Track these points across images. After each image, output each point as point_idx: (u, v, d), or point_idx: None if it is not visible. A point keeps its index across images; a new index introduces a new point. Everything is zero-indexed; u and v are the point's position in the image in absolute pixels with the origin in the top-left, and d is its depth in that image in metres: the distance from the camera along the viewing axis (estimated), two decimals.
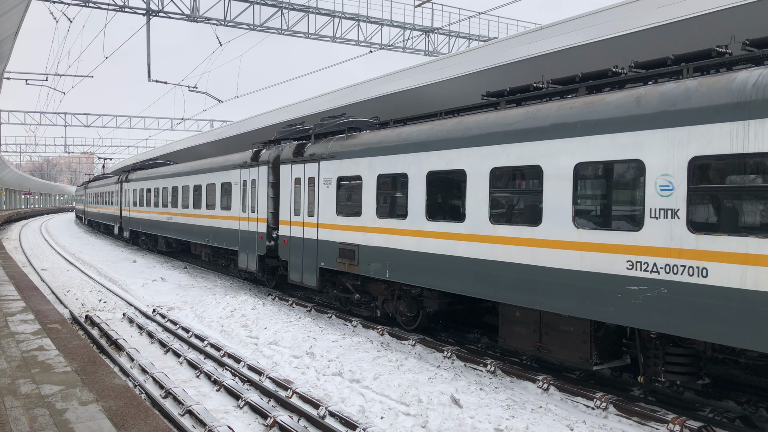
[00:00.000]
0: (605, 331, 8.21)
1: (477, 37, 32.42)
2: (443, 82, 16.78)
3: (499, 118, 9.47)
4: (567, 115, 8.31)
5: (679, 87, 7.26)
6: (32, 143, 69.58)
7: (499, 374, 9.30)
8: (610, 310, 7.57)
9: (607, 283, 7.63)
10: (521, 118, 9.02)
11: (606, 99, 7.98)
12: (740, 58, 7.19)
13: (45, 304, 10.36)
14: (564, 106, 8.48)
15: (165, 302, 15.39)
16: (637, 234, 7.43)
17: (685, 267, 6.96)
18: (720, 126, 6.65)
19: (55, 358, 6.80)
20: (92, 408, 5.24)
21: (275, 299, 15.68)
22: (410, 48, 31.19)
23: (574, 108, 8.29)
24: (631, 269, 7.46)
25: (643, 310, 7.25)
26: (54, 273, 21.21)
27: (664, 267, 7.13)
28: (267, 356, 10.36)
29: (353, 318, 12.97)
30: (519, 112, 9.20)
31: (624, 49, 12.47)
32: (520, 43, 14.64)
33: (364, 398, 8.18)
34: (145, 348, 11.13)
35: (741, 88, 6.56)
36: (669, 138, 7.12)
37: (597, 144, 7.87)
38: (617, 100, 7.79)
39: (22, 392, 5.61)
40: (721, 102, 6.66)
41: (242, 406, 7.95)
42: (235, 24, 26.63)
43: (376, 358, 9.79)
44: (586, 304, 7.83)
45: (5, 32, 15.97)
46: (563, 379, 8.86)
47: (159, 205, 24.80)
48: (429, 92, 17.56)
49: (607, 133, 7.75)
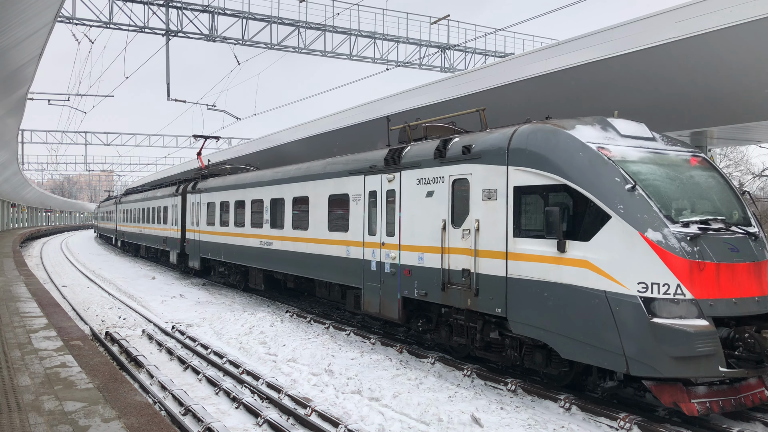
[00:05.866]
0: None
1: (493, 53, 32.55)
2: (461, 98, 16.84)
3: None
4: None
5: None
6: (53, 162, 70.87)
7: (520, 393, 9.20)
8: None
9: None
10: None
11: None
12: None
13: (67, 321, 10.46)
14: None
15: (184, 319, 15.48)
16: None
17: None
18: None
19: (77, 375, 6.85)
20: (114, 425, 5.26)
21: (293, 316, 15.70)
22: (426, 65, 31.38)
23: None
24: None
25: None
26: (74, 290, 21.45)
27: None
28: (286, 373, 10.35)
29: (372, 336, 12.94)
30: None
31: (642, 65, 12.45)
32: (537, 59, 14.68)
33: (383, 417, 8.14)
34: (164, 365, 11.18)
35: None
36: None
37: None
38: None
39: (45, 409, 5.66)
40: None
41: (261, 423, 7.94)
42: (253, 43, 27.01)
43: (396, 376, 9.74)
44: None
45: (29, 54, 16.34)
46: (586, 399, 8.75)
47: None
48: (447, 109, 17.61)
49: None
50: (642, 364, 7.38)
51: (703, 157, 9.31)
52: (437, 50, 31.57)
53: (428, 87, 18.93)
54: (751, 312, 7.72)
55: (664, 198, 8.09)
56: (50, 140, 52.45)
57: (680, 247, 7.54)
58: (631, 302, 7.47)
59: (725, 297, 7.57)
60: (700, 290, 7.47)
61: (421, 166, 11.03)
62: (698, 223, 7.91)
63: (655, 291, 7.44)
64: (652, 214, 7.74)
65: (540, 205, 8.69)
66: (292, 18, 27.40)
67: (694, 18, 11.16)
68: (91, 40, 25.60)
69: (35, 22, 13.33)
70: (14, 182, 52.69)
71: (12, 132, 29.57)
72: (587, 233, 8.05)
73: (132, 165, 75.33)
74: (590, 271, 7.89)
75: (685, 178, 8.65)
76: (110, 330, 13.68)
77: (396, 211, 11.65)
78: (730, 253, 7.80)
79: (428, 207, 10.77)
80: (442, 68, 31.65)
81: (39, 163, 74.73)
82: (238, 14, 26.40)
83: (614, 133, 8.91)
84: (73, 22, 24.28)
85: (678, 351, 7.18)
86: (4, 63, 15.95)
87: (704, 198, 8.57)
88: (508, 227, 9.08)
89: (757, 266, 7.97)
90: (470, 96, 16.56)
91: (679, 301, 7.40)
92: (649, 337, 7.31)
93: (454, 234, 10.14)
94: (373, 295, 12.21)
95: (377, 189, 12.28)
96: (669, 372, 7.31)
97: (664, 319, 7.32)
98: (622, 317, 7.52)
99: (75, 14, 24.18)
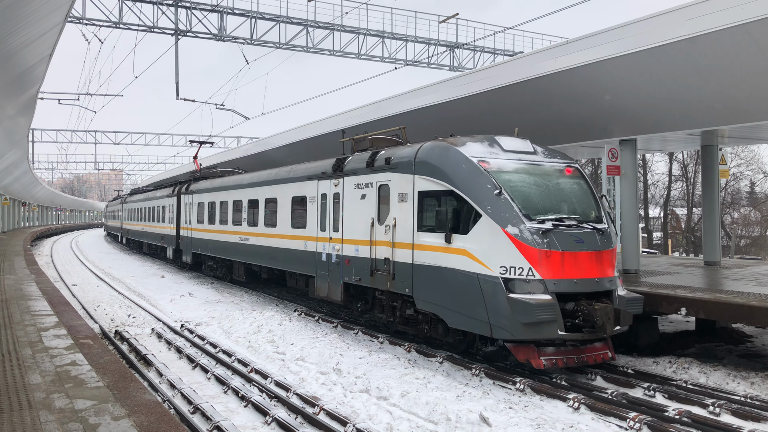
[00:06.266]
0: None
1: (502, 52, 32.45)
2: (469, 97, 16.80)
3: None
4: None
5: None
6: (63, 161, 71.27)
7: (528, 392, 9.18)
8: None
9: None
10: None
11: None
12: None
13: (77, 320, 10.52)
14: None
15: (193, 317, 15.54)
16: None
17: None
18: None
19: (87, 373, 6.89)
20: (124, 423, 5.29)
21: (301, 315, 15.73)
22: (435, 63, 31.33)
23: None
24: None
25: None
26: (84, 288, 21.59)
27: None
28: (294, 372, 10.38)
29: (380, 335, 12.95)
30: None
31: (653, 62, 12.38)
32: (546, 57, 14.61)
33: (391, 416, 8.14)
34: (173, 363, 11.24)
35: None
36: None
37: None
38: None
39: (56, 407, 5.70)
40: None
41: (270, 422, 7.96)
42: (262, 42, 27.05)
43: (404, 375, 9.74)
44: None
45: (40, 54, 16.43)
46: (595, 398, 8.72)
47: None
48: (455, 107, 17.59)
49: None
50: (501, 329, 9.42)
51: (575, 168, 11.29)
52: (446, 49, 31.51)
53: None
54: (590, 290, 9.72)
55: (526, 200, 10.06)
56: (60, 139, 52.78)
57: (533, 239, 9.54)
58: (494, 282, 9.51)
59: (567, 278, 9.60)
60: (547, 272, 9.47)
61: (358, 174, 13.15)
62: (553, 220, 9.91)
63: (513, 273, 9.49)
64: (513, 213, 9.74)
65: (435, 206, 10.82)
66: (300, 17, 27.43)
67: (704, 16, 11.07)
68: (100, 39, 25.73)
69: (46, 22, 13.42)
70: (25, 181, 53.05)
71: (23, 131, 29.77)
72: (466, 228, 10.15)
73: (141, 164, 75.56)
74: (468, 258, 9.97)
75: (551, 185, 10.67)
76: (120, 328, 13.76)
77: (340, 210, 13.72)
78: (575, 243, 9.81)
79: (362, 207, 12.87)
80: (451, 67, 31.60)
81: (49, 162, 75.15)
82: (247, 14, 26.45)
83: (498, 149, 10.91)
84: (83, 22, 24.40)
85: (525, 318, 9.12)
86: (16, 63, 16.06)
87: (565, 201, 10.58)
88: (414, 224, 11.23)
89: (599, 254, 9.98)
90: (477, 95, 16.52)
91: (530, 280, 9.43)
92: (507, 309, 9.28)
93: (379, 229, 12.26)
94: (323, 281, 14.40)
95: (327, 192, 14.37)
96: (520, 335, 9.30)
97: (517, 295, 9.30)
98: (488, 293, 9.55)
99: (85, 14, 24.31)
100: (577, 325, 9.44)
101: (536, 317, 9.10)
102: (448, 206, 10.50)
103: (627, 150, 15.33)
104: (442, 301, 10.49)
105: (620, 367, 10.44)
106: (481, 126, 17.87)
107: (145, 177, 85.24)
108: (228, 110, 30.26)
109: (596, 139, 15.87)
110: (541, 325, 9.21)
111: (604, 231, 10.35)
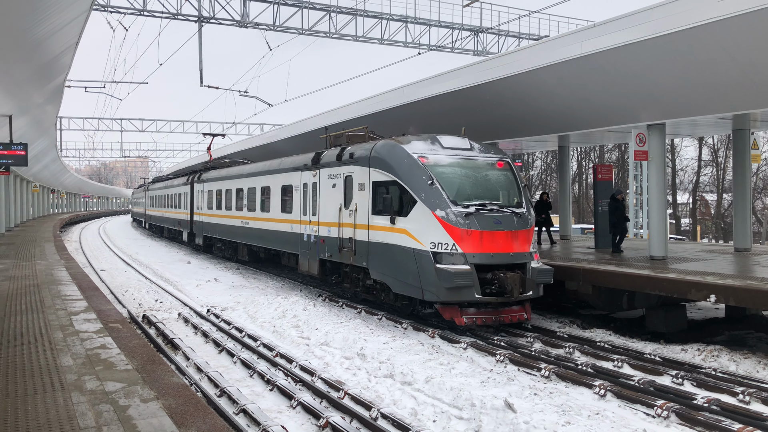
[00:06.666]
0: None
1: (527, 36, 32.02)
2: (493, 82, 16.62)
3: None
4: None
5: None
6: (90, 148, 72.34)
7: (554, 379, 9.14)
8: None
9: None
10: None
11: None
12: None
13: (105, 304, 10.72)
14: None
15: (218, 302, 15.73)
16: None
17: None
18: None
19: (116, 357, 7.02)
20: (153, 405, 5.38)
21: (326, 300, 15.82)
22: (459, 48, 31.04)
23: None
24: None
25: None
26: (112, 273, 21.97)
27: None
28: (318, 357, 10.46)
29: (403, 320, 12.98)
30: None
31: (682, 45, 12.10)
32: (573, 41, 14.38)
33: (416, 401, 8.17)
34: (199, 347, 11.40)
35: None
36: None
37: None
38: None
39: (87, 388, 5.82)
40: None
41: (295, 406, 8.04)
42: (284, 29, 27.06)
43: (428, 360, 9.76)
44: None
45: (66, 43, 16.61)
46: (621, 386, 8.64)
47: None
48: (479, 92, 17.43)
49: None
50: (430, 293, 11.52)
51: (506, 162, 13.31)
52: (470, 33, 31.19)
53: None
54: (505, 262, 11.75)
55: (454, 189, 12.09)
56: (87, 127, 53.67)
57: (456, 220, 11.64)
58: (426, 255, 11.66)
59: (486, 252, 11.64)
60: (467, 247, 11.56)
61: (330, 166, 15.26)
62: (476, 205, 11.97)
63: (440, 248, 11.60)
64: (441, 199, 11.81)
65: (384, 193, 12.85)
66: (323, 2, 27.35)
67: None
68: (125, 27, 25.99)
69: (72, 10, 13.55)
70: (53, 168, 53.98)
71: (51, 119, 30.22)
72: (406, 212, 12.24)
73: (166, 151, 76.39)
74: (407, 236, 12.14)
75: (480, 176, 12.69)
76: (147, 313, 13.99)
77: (317, 197, 15.87)
78: (494, 224, 11.83)
79: (333, 195, 15.01)
80: (475, 52, 31.28)
81: (77, 149, 76.28)
82: (270, 0, 26.43)
83: (438, 146, 12.91)
84: (108, 9, 24.63)
85: (448, 284, 11.18)
86: (43, 51, 16.27)
87: (490, 189, 12.62)
88: (369, 208, 13.35)
89: (515, 233, 11.99)
90: (501, 80, 16.34)
91: (453, 254, 11.53)
92: (434, 276, 11.35)
93: (345, 213, 14.37)
94: (304, 258, 16.78)
95: (308, 182, 16.52)
96: (444, 297, 11.38)
97: (443, 265, 11.38)
98: (421, 264, 11.70)
99: (110, 2, 24.53)
100: (493, 291, 11.48)
101: (455, 283, 11.13)
102: (393, 194, 12.56)
103: (655, 135, 15.06)
104: (389, 272, 12.70)
105: (647, 354, 10.34)
106: (505, 112, 17.73)
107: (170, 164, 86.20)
108: (251, 97, 30.46)
109: (623, 124, 15.60)
110: (461, 289, 11.22)
111: (521, 214, 12.34)
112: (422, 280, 11.63)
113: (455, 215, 11.62)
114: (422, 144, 12.87)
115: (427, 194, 11.90)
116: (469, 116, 18.62)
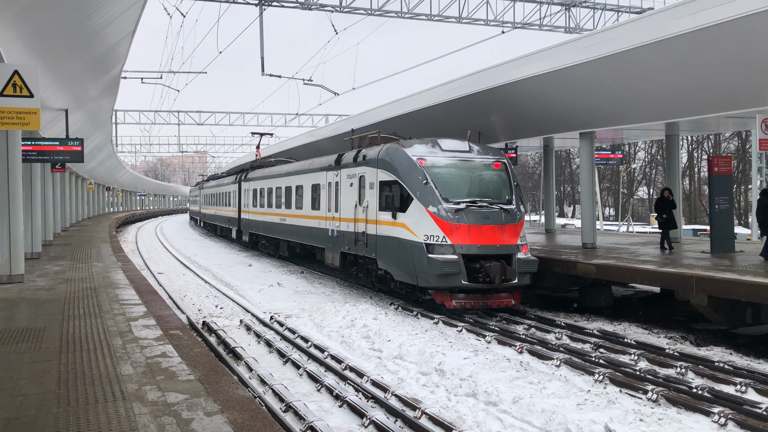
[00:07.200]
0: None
1: (627, 9, 31.03)
2: (590, 63, 16.21)
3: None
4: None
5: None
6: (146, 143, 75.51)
7: (663, 403, 8.81)
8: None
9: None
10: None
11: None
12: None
13: (164, 309, 11.15)
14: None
15: (282, 309, 16.08)
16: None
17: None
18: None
19: (177, 366, 7.29)
20: (217, 419, 5.55)
21: (398, 309, 15.89)
22: (548, 25, 30.43)
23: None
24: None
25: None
26: (170, 277, 22.86)
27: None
28: (391, 371, 10.51)
29: (487, 333, 12.86)
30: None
31: None
32: (683, 13, 13.81)
33: (502, 423, 8.07)
34: (263, 357, 11.67)
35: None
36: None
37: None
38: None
39: (148, 399, 6.07)
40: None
41: (367, 425, 8.10)
42: (351, 9, 27.29)
43: (515, 378, 9.62)
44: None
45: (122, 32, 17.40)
46: (745, 413, 8.23)
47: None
48: (570, 75, 17.03)
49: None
50: (423, 279, 14.40)
51: (503, 162, 16.13)
52: (560, 8, 30.52)
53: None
54: (492, 253, 14.40)
55: (447, 188, 14.95)
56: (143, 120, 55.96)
57: (446, 215, 14.45)
58: (420, 246, 14.43)
59: (473, 244, 14.38)
60: (456, 239, 14.30)
61: (349, 167, 18.45)
62: (466, 202, 14.80)
63: (432, 240, 14.36)
64: (434, 197, 14.70)
65: (388, 192, 15.83)
66: None
67: None
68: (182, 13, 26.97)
69: None
70: (109, 165, 56.67)
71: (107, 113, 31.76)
72: (405, 208, 15.14)
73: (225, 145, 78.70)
74: (405, 230, 14.99)
75: (474, 176, 15.58)
76: (207, 319, 14.46)
77: (339, 196, 19.10)
78: (482, 219, 14.58)
79: (351, 193, 18.15)
80: (566, 29, 30.60)
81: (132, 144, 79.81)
82: None
83: (438, 149, 15.79)
84: None
85: (437, 271, 13.97)
86: (99, 42, 17.10)
87: (482, 188, 15.47)
88: (377, 205, 16.37)
89: (501, 228, 14.71)
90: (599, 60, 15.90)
91: (444, 245, 14.26)
92: (426, 265, 14.14)
93: (359, 210, 17.41)
94: (329, 252, 20.25)
95: (332, 181, 19.83)
96: (434, 283, 14.21)
97: (434, 255, 14.16)
98: (416, 254, 14.49)
99: None
100: (480, 278, 14.08)
101: (444, 270, 13.88)
102: (395, 192, 15.43)
103: None
104: (392, 262, 15.67)
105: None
106: (603, 97, 17.25)
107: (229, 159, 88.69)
108: (316, 86, 30.95)
109: (746, 108, 14.85)
110: (449, 276, 13.97)
111: (510, 211, 15.10)
112: (417, 269, 14.44)
113: (446, 211, 14.46)
114: (423, 147, 15.74)
115: (422, 192, 14.82)
116: (552, 105, 18.34)
